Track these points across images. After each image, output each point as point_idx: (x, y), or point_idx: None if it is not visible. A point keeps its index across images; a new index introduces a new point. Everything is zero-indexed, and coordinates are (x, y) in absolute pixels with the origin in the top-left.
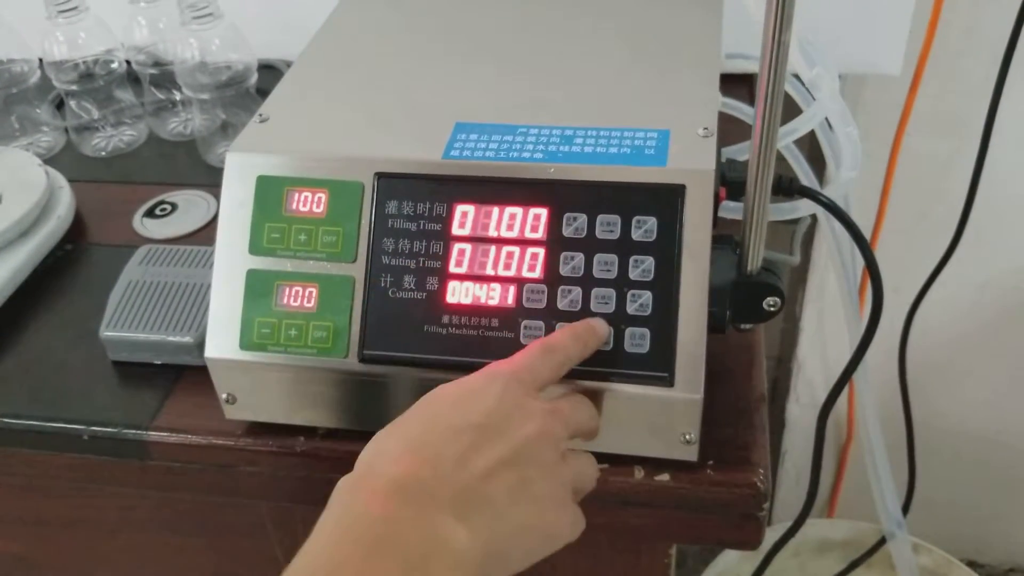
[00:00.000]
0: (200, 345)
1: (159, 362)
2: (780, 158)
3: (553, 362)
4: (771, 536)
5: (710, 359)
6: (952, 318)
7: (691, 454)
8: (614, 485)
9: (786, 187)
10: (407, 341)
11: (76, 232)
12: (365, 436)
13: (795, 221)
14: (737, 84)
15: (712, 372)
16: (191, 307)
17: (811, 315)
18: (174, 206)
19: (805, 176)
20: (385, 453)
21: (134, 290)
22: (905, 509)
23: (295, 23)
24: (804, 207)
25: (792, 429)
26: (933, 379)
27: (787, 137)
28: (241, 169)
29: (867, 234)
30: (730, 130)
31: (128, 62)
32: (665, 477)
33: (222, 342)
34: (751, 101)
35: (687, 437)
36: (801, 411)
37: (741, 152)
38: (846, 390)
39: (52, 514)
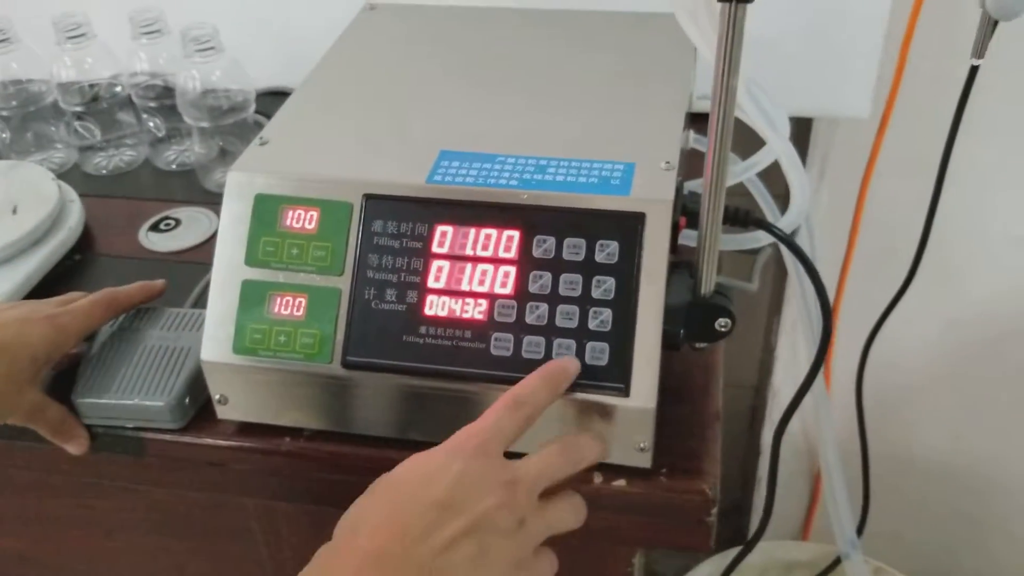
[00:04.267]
0: (172, 409)
1: (131, 426)
2: (745, 192)
3: (521, 416)
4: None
5: (672, 377)
6: (916, 351)
7: (645, 461)
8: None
9: (742, 218)
10: (387, 349)
11: (85, 243)
12: (346, 438)
13: (756, 251)
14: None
15: (672, 389)
16: (166, 371)
17: (785, 345)
18: (178, 221)
19: (769, 208)
20: (362, 525)
21: (106, 352)
22: (860, 530)
23: (296, 57)
24: (761, 238)
25: (768, 455)
26: (900, 411)
27: (748, 171)
28: (241, 187)
29: (836, 270)
30: (699, 165)
31: (131, 88)
32: (622, 483)
33: (217, 346)
34: None
35: (641, 445)
36: None
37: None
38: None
39: (52, 513)
